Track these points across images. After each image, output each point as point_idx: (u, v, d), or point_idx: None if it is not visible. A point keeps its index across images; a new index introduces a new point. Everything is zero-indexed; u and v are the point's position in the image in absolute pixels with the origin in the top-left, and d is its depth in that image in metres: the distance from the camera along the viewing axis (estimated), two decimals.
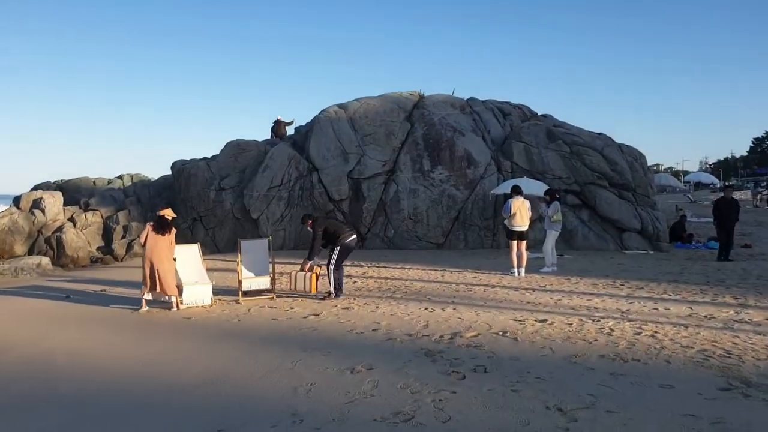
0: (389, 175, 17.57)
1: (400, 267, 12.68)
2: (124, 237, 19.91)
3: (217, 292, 10.05)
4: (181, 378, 5.19)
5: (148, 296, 8.75)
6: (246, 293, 9.49)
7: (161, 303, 9.15)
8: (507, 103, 20.65)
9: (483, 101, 20.26)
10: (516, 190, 11.47)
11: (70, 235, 19.13)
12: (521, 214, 11.29)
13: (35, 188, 24.30)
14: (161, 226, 8.82)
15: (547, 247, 11.95)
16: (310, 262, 9.11)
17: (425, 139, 17.79)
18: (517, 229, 11.34)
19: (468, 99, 20.22)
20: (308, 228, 9.39)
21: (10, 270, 14.39)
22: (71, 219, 20.43)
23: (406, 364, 5.26)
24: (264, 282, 9.63)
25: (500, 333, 6.32)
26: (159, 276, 8.57)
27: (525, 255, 11.38)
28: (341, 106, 19.29)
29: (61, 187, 25.20)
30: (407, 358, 5.46)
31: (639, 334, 6.13)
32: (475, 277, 10.96)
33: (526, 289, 9.52)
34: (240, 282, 9.46)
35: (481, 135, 18.28)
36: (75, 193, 24.34)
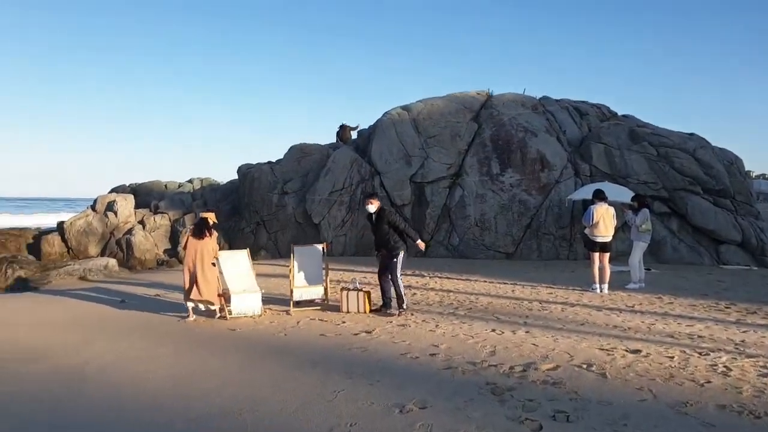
0: (454, 179, 16.59)
1: (465, 278, 11.69)
2: None
3: (271, 300, 9.50)
4: (210, 402, 4.52)
5: (190, 304, 8.28)
6: (298, 303, 8.87)
7: (209, 311, 8.68)
8: (583, 102, 19.18)
9: (557, 100, 18.90)
10: (599, 196, 10.22)
11: (138, 238, 19.39)
12: (605, 223, 10.04)
13: (112, 191, 25.06)
14: (199, 230, 8.35)
15: (634, 261, 10.62)
16: (419, 241, 8.34)
17: (494, 141, 16.69)
18: (600, 239, 10.10)
19: (540, 98, 18.92)
20: (369, 206, 8.29)
21: (79, 271, 14.54)
22: (141, 222, 20.77)
23: (467, 403, 4.35)
24: (317, 292, 8.96)
25: (584, 366, 5.28)
26: (197, 283, 8.08)
27: (608, 269, 10.13)
28: (404, 107, 18.52)
29: (135, 190, 25.87)
30: (469, 394, 4.55)
31: (767, 376, 4.91)
32: (551, 293, 9.82)
33: (612, 309, 8.32)
34: (291, 291, 8.84)
35: (556, 136, 16.97)
36: (147, 196, 24.88)
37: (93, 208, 21.35)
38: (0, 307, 10.01)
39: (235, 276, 8.81)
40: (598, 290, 10.00)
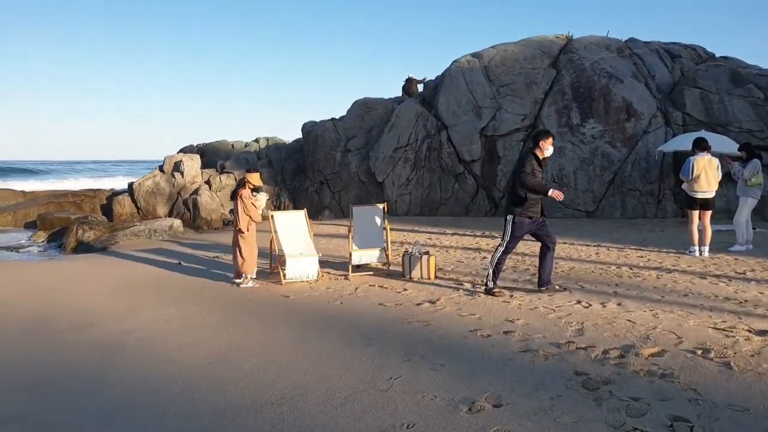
0: (530, 131, 15.25)
1: None
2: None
3: (331, 263, 8.91)
4: (245, 389, 3.91)
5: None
6: (357, 267, 8.21)
7: (266, 275, 8.22)
8: (675, 43, 17.08)
9: (645, 42, 16.91)
10: (701, 145, 8.78)
11: (204, 198, 19.39)
12: (707, 177, 8.65)
13: (180, 152, 25.33)
14: (233, 192, 7.85)
15: (741, 219, 9.18)
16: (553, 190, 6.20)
17: (574, 88, 15.13)
18: (700, 195, 8.74)
19: (627, 40, 16.99)
20: (540, 149, 6.40)
21: (145, 231, 14.58)
22: (207, 182, 20.78)
23: (553, 402, 3.49)
24: (377, 255, 8.25)
25: (698, 351, 4.27)
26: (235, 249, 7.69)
27: (709, 229, 8.79)
28: (475, 54, 17.13)
29: (202, 150, 26.03)
30: (555, 388, 3.69)
31: None
32: (641, 257, 8.64)
33: (718, 276, 7.11)
34: (350, 254, 8.17)
35: (644, 81, 15.17)
36: (214, 156, 24.97)
37: (161, 168, 21.57)
38: (63, 268, 10.00)
39: (291, 238, 8.22)
40: (697, 253, 8.72)
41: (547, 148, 6.44)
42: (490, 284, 6.49)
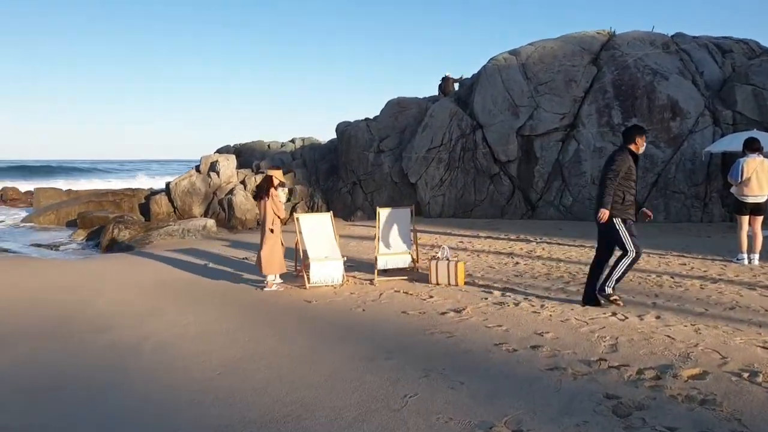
0: (568, 131, 14.73)
1: (579, 245, 10.17)
2: (288, 200, 19.87)
3: (358, 266, 8.72)
4: (251, 403, 3.74)
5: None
6: (384, 271, 8.00)
7: (293, 278, 8.09)
8: (726, 38, 16.23)
9: (694, 37, 16.12)
10: (752, 146, 8.21)
11: (239, 198, 19.51)
12: (758, 180, 8.08)
13: (216, 152, 25.66)
14: (258, 191, 7.70)
15: None
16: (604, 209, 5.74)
17: (616, 86, 14.52)
18: (751, 200, 8.18)
19: (673, 35, 16.24)
20: (635, 145, 5.84)
21: (179, 231, 14.73)
22: (243, 182, 20.93)
23: (579, 428, 3.19)
24: (404, 259, 8.02)
25: (744, 374, 3.87)
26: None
27: (760, 236, 8.23)
28: (512, 52, 16.67)
29: (238, 150, 26.32)
30: (582, 413, 3.38)
31: None
32: (684, 265, 8.14)
33: None
34: (376, 258, 7.96)
35: (691, 78, 14.45)
36: (250, 156, 25.21)
37: (197, 168, 21.86)
38: (93, 267, 10.13)
39: (316, 241, 8.06)
40: (746, 261, 8.17)
41: (642, 145, 5.92)
42: (609, 290, 5.86)
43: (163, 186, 21.49)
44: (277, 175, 7.90)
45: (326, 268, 7.67)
